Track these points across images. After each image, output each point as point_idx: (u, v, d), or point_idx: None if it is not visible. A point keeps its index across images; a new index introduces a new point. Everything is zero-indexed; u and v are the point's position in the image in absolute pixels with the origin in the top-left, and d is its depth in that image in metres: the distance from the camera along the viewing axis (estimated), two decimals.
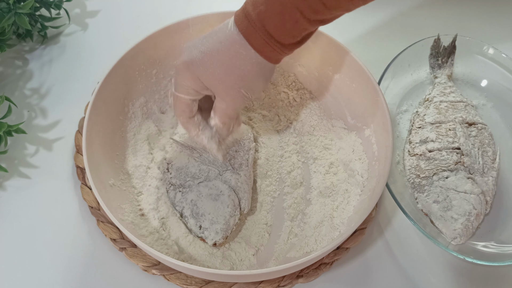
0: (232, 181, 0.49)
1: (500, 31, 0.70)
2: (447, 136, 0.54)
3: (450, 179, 0.51)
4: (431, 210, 0.50)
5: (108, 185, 0.48)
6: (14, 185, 0.54)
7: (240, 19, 0.42)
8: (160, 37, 0.55)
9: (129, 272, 0.49)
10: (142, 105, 0.57)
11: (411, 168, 0.54)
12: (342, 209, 0.50)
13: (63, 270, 0.49)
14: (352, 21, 0.71)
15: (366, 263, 0.50)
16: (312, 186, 0.54)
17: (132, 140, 0.55)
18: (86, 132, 0.47)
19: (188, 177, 0.50)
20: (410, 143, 0.56)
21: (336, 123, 0.57)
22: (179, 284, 0.48)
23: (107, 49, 0.67)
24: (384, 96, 0.51)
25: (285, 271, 0.42)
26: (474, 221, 0.49)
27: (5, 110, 0.56)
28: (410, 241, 0.52)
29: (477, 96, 0.62)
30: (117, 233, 0.50)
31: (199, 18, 0.56)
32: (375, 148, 0.52)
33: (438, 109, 0.57)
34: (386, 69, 0.58)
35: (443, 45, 0.62)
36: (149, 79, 0.57)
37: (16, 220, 0.52)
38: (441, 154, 0.53)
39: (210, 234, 0.47)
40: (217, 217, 0.47)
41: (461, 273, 0.50)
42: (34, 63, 0.65)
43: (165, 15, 0.71)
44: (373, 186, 0.48)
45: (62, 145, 0.57)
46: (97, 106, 0.50)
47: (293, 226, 0.51)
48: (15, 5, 0.57)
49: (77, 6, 0.71)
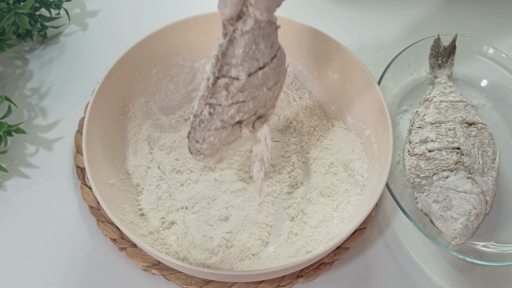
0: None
1: (500, 31, 0.70)
2: (447, 136, 0.54)
3: (450, 179, 0.51)
4: (431, 210, 0.50)
5: (108, 185, 0.48)
6: (14, 185, 0.54)
7: None
8: (160, 37, 0.55)
9: (129, 272, 0.49)
10: (142, 105, 0.57)
11: (411, 168, 0.54)
12: (342, 209, 0.50)
13: (63, 270, 0.49)
14: (352, 21, 0.71)
15: (366, 263, 0.50)
16: (312, 186, 0.54)
17: (132, 140, 0.55)
18: (86, 132, 0.47)
19: None
20: (410, 143, 0.56)
21: (336, 123, 0.57)
22: (179, 284, 0.48)
23: (107, 49, 0.67)
24: (384, 96, 0.51)
25: (285, 271, 0.42)
26: (474, 221, 0.49)
27: (5, 110, 0.56)
28: (410, 241, 0.52)
29: (477, 96, 0.62)
30: (117, 233, 0.50)
31: (199, 18, 0.56)
32: (375, 148, 0.52)
33: (438, 109, 0.57)
34: (386, 69, 0.58)
35: (443, 45, 0.62)
36: (149, 79, 0.57)
37: (16, 220, 0.52)
38: (441, 154, 0.53)
39: None
40: None
41: (461, 273, 0.50)
42: (34, 63, 0.65)
43: (165, 15, 0.71)
44: (373, 186, 0.48)
45: (62, 145, 0.57)
46: (97, 106, 0.50)
47: (293, 226, 0.51)
48: (15, 5, 0.57)
49: (77, 6, 0.71)
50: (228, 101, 0.39)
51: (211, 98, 0.38)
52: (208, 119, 0.39)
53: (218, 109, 0.39)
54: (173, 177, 0.53)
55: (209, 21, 0.57)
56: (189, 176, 0.53)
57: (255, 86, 0.39)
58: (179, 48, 0.58)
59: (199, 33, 0.58)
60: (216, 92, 0.38)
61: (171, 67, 0.59)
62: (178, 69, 0.59)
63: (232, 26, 0.37)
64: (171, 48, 0.57)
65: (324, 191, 0.53)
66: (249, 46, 0.37)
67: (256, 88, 0.40)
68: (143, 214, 0.50)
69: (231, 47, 0.37)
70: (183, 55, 0.59)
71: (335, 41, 0.54)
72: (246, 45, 0.37)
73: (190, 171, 0.54)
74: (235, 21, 0.37)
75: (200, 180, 0.53)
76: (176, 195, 0.52)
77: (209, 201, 0.52)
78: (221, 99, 0.39)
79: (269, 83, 0.41)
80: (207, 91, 0.38)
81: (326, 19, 0.71)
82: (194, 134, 0.41)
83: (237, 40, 0.37)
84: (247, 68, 0.38)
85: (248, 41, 0.37)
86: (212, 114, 0.39)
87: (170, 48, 0.57)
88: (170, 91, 0.59)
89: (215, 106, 0.39)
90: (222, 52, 0.37)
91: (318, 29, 0.55)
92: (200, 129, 0.40)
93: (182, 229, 0.49)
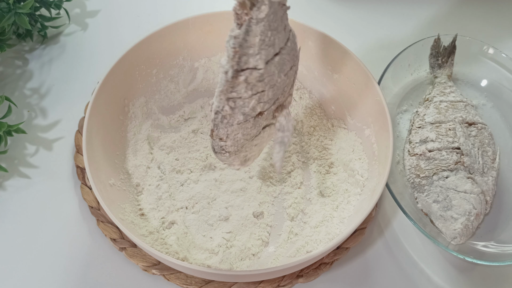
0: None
1: (500, 31, 0.70)
2: (447, 136, 0.54)
3: (450, 179, 0.51)
4: (431, 210, 0.50)
5: (108, 185, 0.48)
6: (14, 185, 0.54)
7: None
8: (160, 37, 0.55)
9: (129, 272, 0.49)
10: (142, 105, 0.57)
11: (411, 168, 0.54)
12: (342, 208, 0.50)
13: (63, 270, 0.49)
14: (352, 21, 0.71)
15: (366, 263, 0.50)
16: (312, 186, 0.54)
17: (132, 140, 0.55)
18: (86, 132, 0.47)
19: None
20: (410, 143, 0.56)
21: (336, 123, 0.57)
22: (179, 284, 0.48)
23: (107, 49, 0.67)
24: (384, 96, 0.51)
25: (285, 271, 0.42)
26: (474, 221, 0.49)
27: (5, 110, 0.56)
28: (410, 241, 0.52)
29: (477, 96, 0.62)
30: (117, 233, 0.50)
31: (200, 18, 0.56)
32: (375, 148, 0.52)
33: (438, 109, 0.57)
34: (386, 69, 0.58)
35: (443, 45, 0.62)
36: (149, 79, 0.57)
37: (16, 220, 0.52)
38: (441, 154, 0.53)
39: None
40: None
41: (461, 273, 0.50)
42: (34, 63, 0.65)
43: (165, 15, 0.71)
44: (373, 186, 0.48)
45: (62, 145, 0.57)
46: (97, 106, 0.50)
47: (293, 226, 0.51)
48: (15, 5, 0.57)
49: (77, 6, 0.71)
50: (248, 92, 0.38)
51: (231, 92, 0.37)
52: (230, 114, 0.38)
53: (239, 102, 0.38)
54: (173, 177, 0.53)
55: (209, 21, 0.57)
56: (189, 176, 0.53)
57: (272, 73, 0.38)
58: (179, 48, 0.58)
59: (199, 33, 0.58)
60: (235, 85, 0.37)
61: (171, 67, 0.59)
62: (178, 69, 0.59)
63: (247, 15, 0.35)
64: (171, 48, 0.57)
65: (324, 191, 0.53)
66: (265, 34, 0.36)
67: (274, 75, 0.39)
68: (143, 214, 0.50)
69: (248, 37, 0.36)
70: (183, 55, 0.59)
71: (335, 41, 0.54)
72: (262, 32, 0.36)
73: (190, 171, 0.54)
74: (250, 10, 0.35)
75: (200, 180, 0.53)
76: (176, 195, 0.52)
77: (209, 201, 0.52)
78: (241, 92, 0.37)
79: (285, 68, 0.40)
80: (227, 85, 0.37)
81: (326, 19, 0.71)
82: (217, 132, 0.40)
83: (253, 29, 0.36)
84: (265, 56, 0.37)
85: (264, 28, 0.36)
86: (233, 109, 0.38)
87: (170, 48, 0.57)
88: (170, 91, 0.59)
89: (236, 100, 0.38)
90: (239, 43, 0.36)
91: (318, 29, 0.55)
92: (223, 125, 0.39)
93: (182, 229, 0.50)
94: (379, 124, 0.51)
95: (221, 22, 0.57)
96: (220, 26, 0.58)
